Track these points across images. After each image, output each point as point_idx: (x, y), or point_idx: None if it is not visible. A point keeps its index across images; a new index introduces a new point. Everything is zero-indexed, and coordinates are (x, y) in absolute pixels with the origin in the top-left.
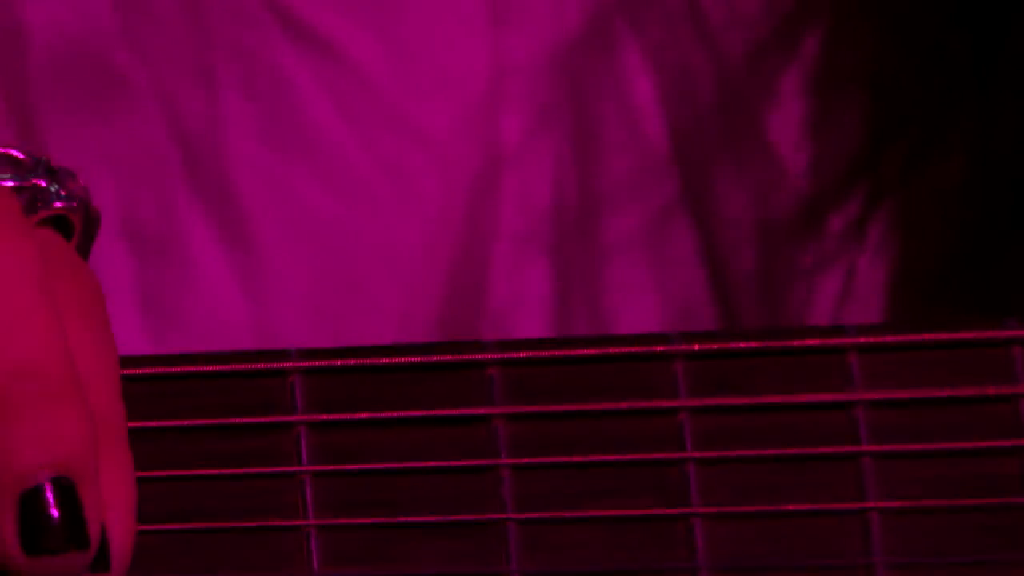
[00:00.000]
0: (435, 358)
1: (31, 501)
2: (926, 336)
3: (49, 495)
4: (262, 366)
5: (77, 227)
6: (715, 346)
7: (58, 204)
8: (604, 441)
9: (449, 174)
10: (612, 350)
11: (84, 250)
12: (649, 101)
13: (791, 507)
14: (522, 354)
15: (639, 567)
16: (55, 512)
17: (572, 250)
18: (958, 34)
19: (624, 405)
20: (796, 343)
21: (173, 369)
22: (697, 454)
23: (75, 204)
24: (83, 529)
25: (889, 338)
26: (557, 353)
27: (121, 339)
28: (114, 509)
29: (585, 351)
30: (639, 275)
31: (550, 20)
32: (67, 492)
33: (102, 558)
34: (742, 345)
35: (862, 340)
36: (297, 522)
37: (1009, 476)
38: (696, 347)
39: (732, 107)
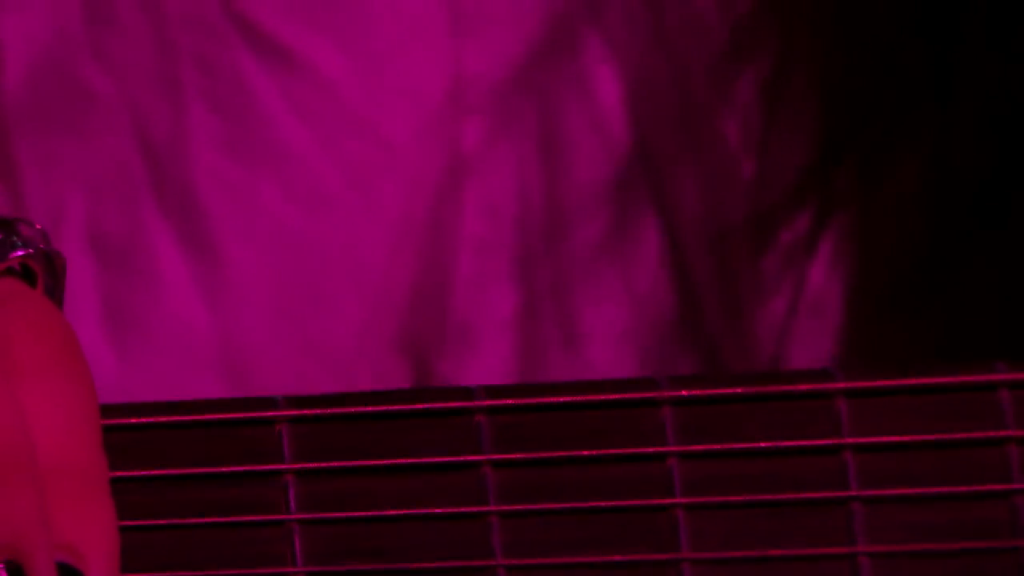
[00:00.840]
0: (423, 405)
1: None
2: (913, 380)
3: None
4: (249, 415)
5: (39, 273)
6: (703, 392)
7: (16, 254)
8: (593, 487)
9: (413, 182)
10: (599, 396)
11: (53, 293)
12: (614, 106)
13: (781, 552)
14: (510, 401)
15: None
16: None
17: (537, 257)
18: (913, 44)
19: (613, 451)
20: (784, 388)
21: (158, 419)
22: (686, 500)
23: (32, 251)
24: None
25: (877, 383)
26: (545, 400)
27: (85, 350)
28: (95, 561)
29: (573, 397)
30: (605, 283)
31: (512, 26)
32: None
33: None
34: (730, 391)
35: (850, 385)
36: (287, 570)
37: (997, 521)
38: (684, 393)
39: (692, 114)
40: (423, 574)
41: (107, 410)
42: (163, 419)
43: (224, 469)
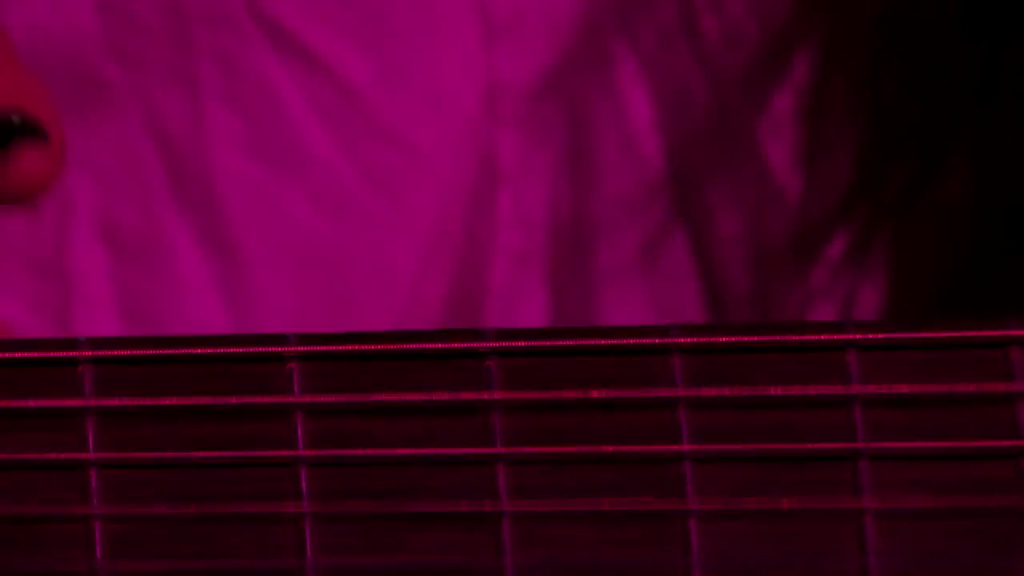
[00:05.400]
0: (434, 345)
1: None
2: (925, 334)
3: None
4: (260, 350)
5: None
6: (713, 340)
7: None
8: (601, 434)
9: (442, 191)
10: (610, 341)
11: None
12: (645, 119)
13: (786, 507)
14: (521, 343)
15: (633, 563)
16: None
17: (568, 269)
18: (959, 53)
19: (622, 397)
20: (795, 338)
21: (167, 351)
22: (695, 447)
23: None
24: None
25: (888, 335)
26: (555, 343)
27: None
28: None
29: (583, 342)
30: (635, 296)
31: (545, 36)
32: None
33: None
34: (740, 339)
35: (861, 337)
36: (291, 508)
37: (1005, 479)
38: (694, 340)
39: (728, 128)
40: (428, 517)
41: (119, 343)
42: (173, 351)
43: (232, 403)
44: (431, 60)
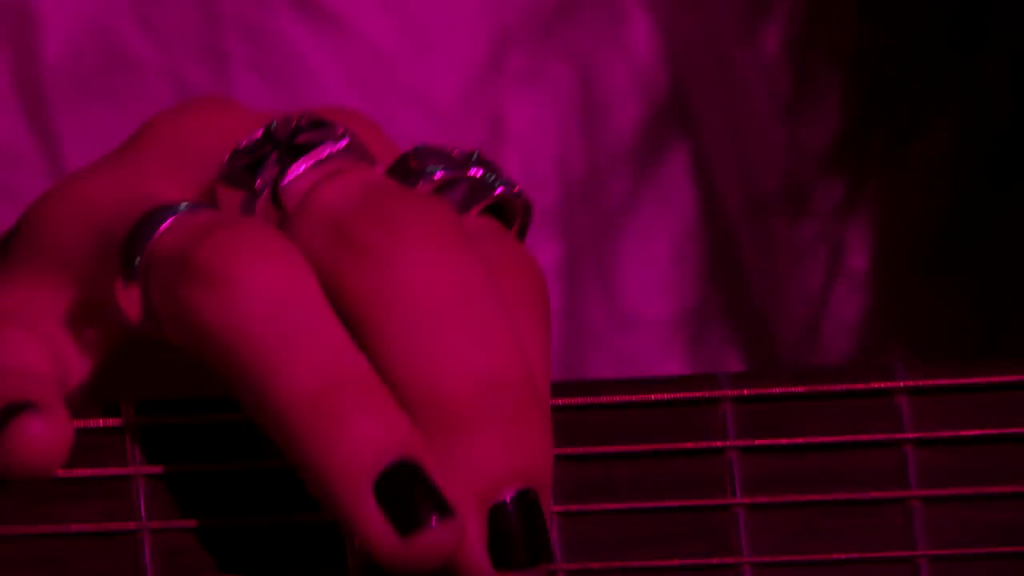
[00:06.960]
0: None
1: (501, 514)
2: (976, 379)
3: (517, 509)
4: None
5: (517, 213)
6: (764, 391)
7: (498, 191)
8: (652, 485)
9: (456, 145)
10: (659, 396)
11: (521, 236)
12: (652, 64)
13: (841, 556)
14: (568, 400)
15: None
16: (523, 526)
17: (578, 218)
18: (943, 4)
19: (672, 447)
20: (845, 386)
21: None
22: (746, 500)
23: (515, 190)
24: (548, 543)
25: (939, 381)
26: (603, 399)
27: None
28: (546, 491)
29: (633, 397)
30: (644, 240)
31: None
32: (534, 506)
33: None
34: (790, 389)
35: (911, 383)
36: None
37: None
38: (745, 392)
39: (725, 75)
40: None
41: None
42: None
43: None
44: (443, 15)
